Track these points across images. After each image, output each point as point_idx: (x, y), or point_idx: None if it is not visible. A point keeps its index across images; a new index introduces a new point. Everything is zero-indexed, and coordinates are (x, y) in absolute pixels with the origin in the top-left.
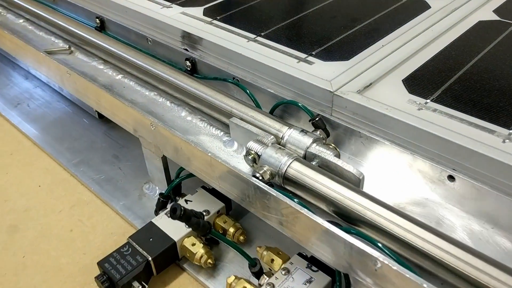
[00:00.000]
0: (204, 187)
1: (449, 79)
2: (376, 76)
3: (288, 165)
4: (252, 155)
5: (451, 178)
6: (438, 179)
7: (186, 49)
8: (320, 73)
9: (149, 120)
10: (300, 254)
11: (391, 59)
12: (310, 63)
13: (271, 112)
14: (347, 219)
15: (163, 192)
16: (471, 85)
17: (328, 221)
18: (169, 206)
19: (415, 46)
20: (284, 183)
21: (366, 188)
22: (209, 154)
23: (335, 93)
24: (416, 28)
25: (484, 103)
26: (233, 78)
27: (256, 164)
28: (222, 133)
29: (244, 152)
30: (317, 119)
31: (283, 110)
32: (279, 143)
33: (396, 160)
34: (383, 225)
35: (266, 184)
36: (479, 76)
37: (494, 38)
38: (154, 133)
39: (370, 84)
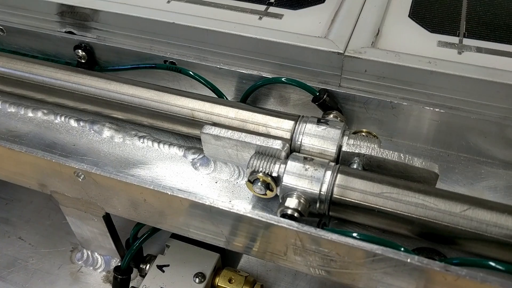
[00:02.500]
0: (174, 236)
1: (460, 1)
2: (377, 18)
3: (334, 183)
4: (262, 179)
5: None
6: None
7: (70, 32)
8: (300, 28)
9: (71, 167)
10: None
11: None
12: (277, 16)
13: (243, 100)
14: (436, 238)
15: (119, 264)
16: (494, 4)
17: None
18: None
19: None
20: (332, 209)
21: None
22: (208, 203)
23: (346, 54)
24: None
25: None
26: (165, 62)
27: (271, 191)
28: (181, 149)
29: (242, 177)
30: (325, 96)
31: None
32: (293, 148)
33: (457, 129)
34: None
35: (320, 227)
36: None
37: None
38: (83, 185)
39: (378, 31)
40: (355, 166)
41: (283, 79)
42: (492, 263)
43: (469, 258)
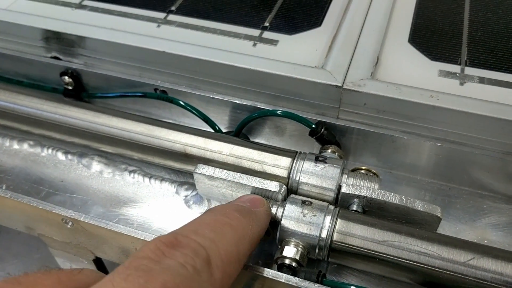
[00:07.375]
0: None
1: (461, 26)
2: (376, 45)
3: (334, 229)
4: None
5: None
6: None
7: (56, 57)
8: (296, 56)
9: (59, 214)
10: None
11: (376, 14)
12: (272, 42)
13: (237, 132)
14: (439, 287)
15: None
16: (496, 29)
17: None
18: None
19: None
20: (331, 256)
21: None
22: None
23: (344, 87)
24: None
25: None
26: (156, 90)
27: (268, 235)
28: (173, 185)
29: None
30: (322, 130)
31: None
32: (290, 187)
33: (459, 164)
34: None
35: (320, 279)
36: (492, 11)
37: None
38: (72, 231)
39: (378, 59)
40: (354, 208)
41: (278, 112)
42: None
43: None
